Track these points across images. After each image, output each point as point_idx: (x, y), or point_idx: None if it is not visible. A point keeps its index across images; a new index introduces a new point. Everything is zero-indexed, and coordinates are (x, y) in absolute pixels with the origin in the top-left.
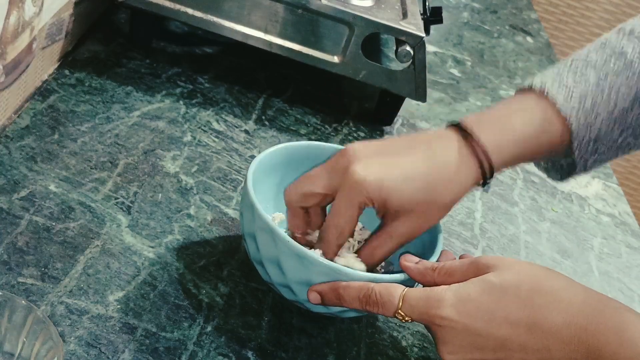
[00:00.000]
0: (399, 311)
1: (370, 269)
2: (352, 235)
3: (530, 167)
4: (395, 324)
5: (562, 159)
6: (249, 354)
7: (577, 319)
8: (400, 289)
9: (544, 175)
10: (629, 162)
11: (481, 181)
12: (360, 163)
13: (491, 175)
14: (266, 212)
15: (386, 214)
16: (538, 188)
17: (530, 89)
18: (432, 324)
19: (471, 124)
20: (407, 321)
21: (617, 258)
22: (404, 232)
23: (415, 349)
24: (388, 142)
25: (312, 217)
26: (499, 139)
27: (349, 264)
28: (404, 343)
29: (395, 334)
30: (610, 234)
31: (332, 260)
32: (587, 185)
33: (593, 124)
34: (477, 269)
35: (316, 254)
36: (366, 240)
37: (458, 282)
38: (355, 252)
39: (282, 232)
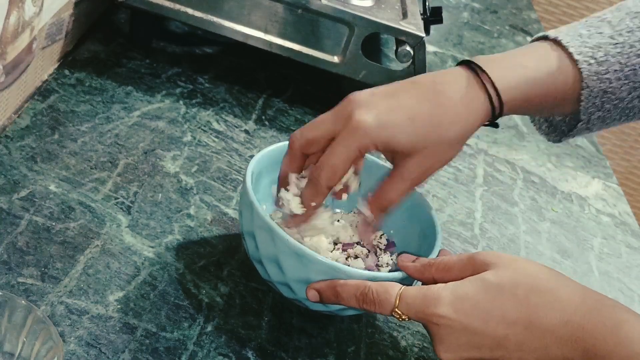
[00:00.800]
0: (396, 309)
1: (382, 214)
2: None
3: (530, 167)
4: (395, 323)
5: (565, 114)
6: (249, 354)
7: (575, 317)
8: (397, 287)
9: (544, 175)
10: (629, 162)
11: (490, 117)
12: (363, 108)
13: (501, 111)
14: (265, 211)
15: (395, 156)
16: (538, 188)
17: (544, 38)
18: (429, 323)
19: (482, 61)
20: (404, 320)
21: (617, 258)
22: (414, 172)
23: (415, 349)
24: (393, 85)
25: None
26: (509, 75)
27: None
28: (404, 343)
29: (395, 334)
30: (610, 234)
31: (316, 205)
32: (587, 185)
33: (604, 75)
34: (474, 266)
35: (314, 252)
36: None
37: (455, 278)
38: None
39: (281, 230)
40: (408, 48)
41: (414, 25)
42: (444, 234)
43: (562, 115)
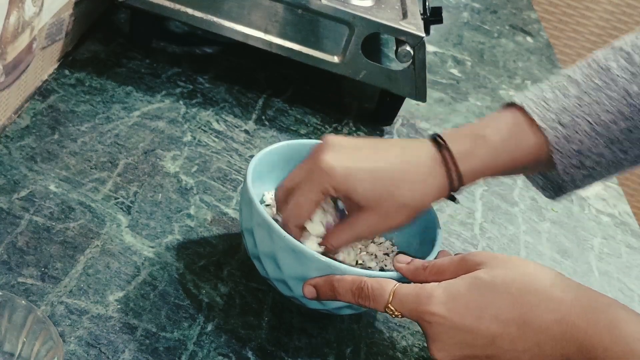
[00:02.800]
0: (389, 305)
1: (328, 253)
2: (310, 218)
3: None
4: (395, 323)
5: (554, 175)
6: (249, 354)
7: (569, 316)
8: (392, 284)
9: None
10: None
11: (448, 191)
12: (331, 152)
13: (459, 184)
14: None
15: (350, 205)
16: None
17: (511, 105)
18: (422, 321)
19: (447, 135)
20: (397, 316)
21: (617, 258)
22: (363, 225)
23: (415, 349)
24: (365, 140)
25: None
26: (469, 148)
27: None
28: (404, 343)
29: (395, 334)
30: (610, 234)
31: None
32: None
33: (573, 137)
34: (467, 266)
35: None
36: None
37: (449, 280)
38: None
39: (279, 227)
40: (408, 48)
41: (414, 25)
42: (444, 234)
43: (551, 176)
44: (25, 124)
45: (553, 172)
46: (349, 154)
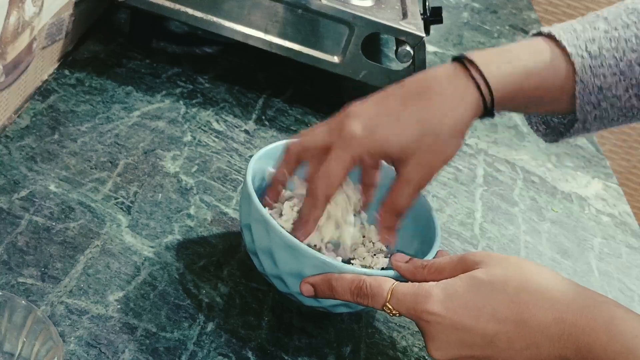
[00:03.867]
0: (387, 304)
1: (396, 221)
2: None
3: (530, 167)
4: (395, 323)
5: (561, 112)
6: (249, 354)
7: (566, 315)
8: (390, 282)
9: (544, 175)
10: (629, 162)
11: (483, 109)
12: (352, 118)
13: (492, 102)
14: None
15: (394, 161)
16: (538, 188)
17: (539, 34)
18: (420, 320)
19: (474, 55)
20: (394, 315)
21: (617, 258)
22: (416, 173)
23: (415, 349)
24: (383, 92)
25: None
26: (500, 66)
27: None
28: (404, 343)
29: (395, 334)
30: (610, 234)
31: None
32: (587, 185)
33: (598, 70)
34: (465, 266)
35: (311, 248)
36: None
37: (447, 279)
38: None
39: (276, 223)
40: (408, 48)
41: (414, 25)
42: (444, 234)
43: (558, 115)
44: (25, 124)
45: (564, 113)
46: (369, 113)
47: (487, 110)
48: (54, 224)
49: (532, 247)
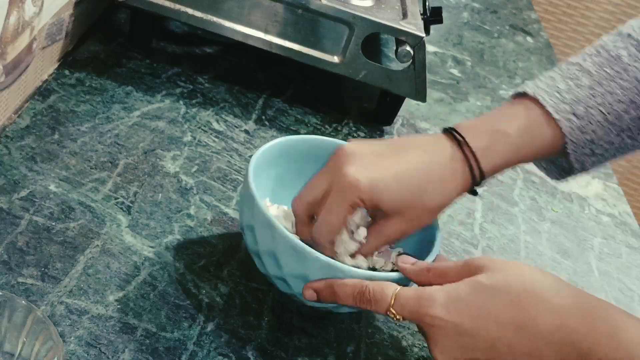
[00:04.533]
0: (391, 309)
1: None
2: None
3: (530, 167)
4: (395, 323)
5: (561, 159)
6: (249, 354)
7: (568, 321)
8: (393, 287)
9: (544, 175)
10: (629, 162)
11: (470, 187)
12: (353, 164)
13: (481, 180)
14: (266, 206)
15: (377, 213)
16: (538, 188)
17: (524, 95)
18: (423, 324)
19: (464, 130)
20: (398, 320)
21: (617, 258)
22: (392, 231)
23: (415, 349)
24: (383, 143)
25: None
26: (489, 144)
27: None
28: (404, 343)
29: (395, 334)
30: (610, 234)
31: (332, 257)
32: (587, 185)
33: (586, 128)
34: (469, 270)
35: (312, 249)
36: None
37: (450, 283)
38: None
39: (281, 226)
40: (408, 48)
41: (414, 25)
42: (444, 233)
43: (558, 159)
44: (25, 124)
45: (563, 159)
46: (371, 163)
47: (473, 187)
48: (54, 224)
49: (532, 247)
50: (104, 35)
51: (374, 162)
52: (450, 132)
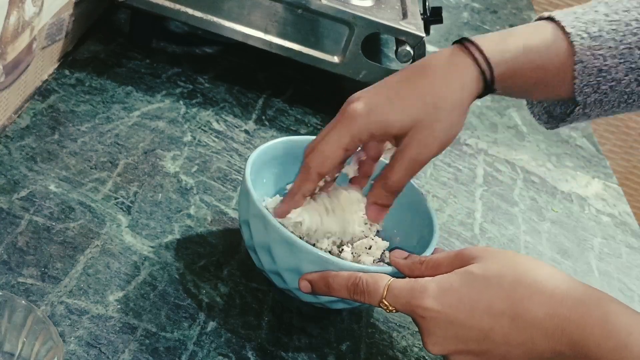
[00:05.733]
0: (383, 300)
1: (387, 199)
2: (338, 171)
3: (531, 167)
4: (395, 323)
5: (561, 96)
6: (249, 354)
7: (560, 310)
8: (386, 278)
9: (544, 175)
10: (629, 162)
11: (483, 86)
12: (354, 100)
13: (492, 78)
14: (263, 202)
15: (397, 140)
16: (538, 188)
17: (540, 19)
18: (416, 315)
19: (474, 37)
20: (391, 311)
21: (617, 258)
22: (415, 148)
23: (416, 349)
24: (387, 77)
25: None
26: (499, 43)
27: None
28: (404, 343)
29: (395, 334)
30: (610, 234)
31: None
32: (587, 185)
33: (597, 51)
34: (462, 260)
35: (304, 242)
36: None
37: (442, 274)
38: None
39: (274, 219)
40: (408, 48)
41: (414, 25)
42: (444, 233)
43: (558, 99)
44: (25, 124)
45: (564, 98)
46: (371, 94)
47: (488, 86)
48: (54, 224)
49: (532, 247)
50: (104, 35)
51: (373, 91)
52: (459, 41)
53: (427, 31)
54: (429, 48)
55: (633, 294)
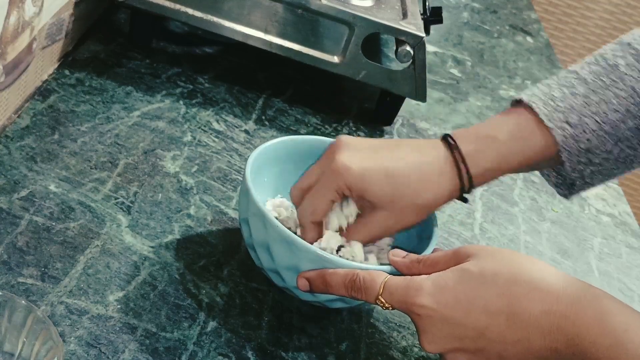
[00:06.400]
0: (380, 297)
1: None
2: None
3: None
4: (395, 323)
5: (565, 173)
6: (249, 354)
7: (556, 307)
8: (383, 276)
9: None
10: None
11: (459, 192)
12: (346, 152)
13: (470, 185)
14: (263, 200)
15: (365, 205)
16: (538, 188)
17: (519, 102)
18: (411, 313)
19: (457, 136)
20: (387, 308)
21: (617, 258)
22: (378, 225)
23: (415, 349)
24: (379, 140)
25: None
26: (478, 148)
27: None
28: (404, 343)
29: (395, 334)
30: (610, 234)
31: (311, 242)
32: None
33: (581, 136)
34: (458, 258)
35: (303, 240)
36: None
37: (438, 272)
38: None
39: (273, 217)
40: (408, 48)
41: (414, 25)
42: (444, 233)
43: (564, 174)
44: (25, 124)
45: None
46: (364, 155)
47: (462, 192)
48: (54, 224)
49: (532, 247)
50: (104, 35)
51: (367, 154)
52: (444, 137)
53: (427, 31)
54: (429, 48)
55: (633, 294)
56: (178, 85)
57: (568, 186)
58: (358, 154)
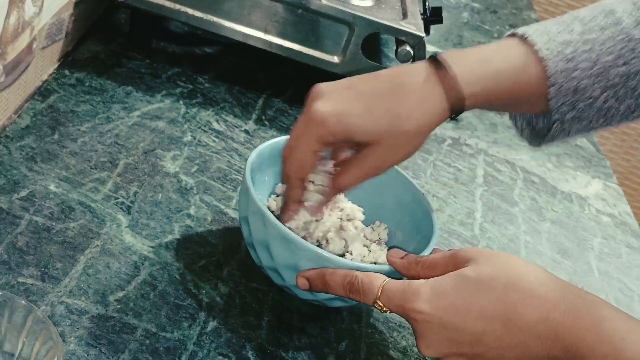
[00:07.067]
0: (377, 301)
1: (335, 193)
2: (316, 166)
3: (531, 167)
4: (395, 323)
5: (537, 112)
6: (249, 354)
7: (554, 314)
8: (382, 279)
9: (544, 175)
10: (628, 162)
11: (450, 112)
12: (321, 99)
13: (462, 106)
14: (263, 199)
15: (357, 146)
16: (538, 188)
17: (513, 35)
18: (409, 318)
19: (446, 56)
20: (385, 312)
21: (617, 258)
22: (372, 161)
23: (416, 349)
24: (355, 78)
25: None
26: (470, 68)
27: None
28: (403, 343)
29: (395, 334)
30: (610, 234)
31: (300, 199)
32: (587, 185)
33: (572, 73)
34: (456, 262)
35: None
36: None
37: (439, 275)
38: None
39: (273, 216)
40: (408, 48)
41: (414, 25)
42: (444, 233)
43: (535, 113)
44: (25, 124)
45: (542, 114)
46: (339, 96)
47: (456, 114)
48: (54, 224)
49: (532, 247)
50: (104, 35)
51: (342, 94)
52: (432, 57)
53: (427, 31)
54: (429, 48)
55: (633, 294)
56: (178, 85)
57: (539, 135)
58: (333, 96)
